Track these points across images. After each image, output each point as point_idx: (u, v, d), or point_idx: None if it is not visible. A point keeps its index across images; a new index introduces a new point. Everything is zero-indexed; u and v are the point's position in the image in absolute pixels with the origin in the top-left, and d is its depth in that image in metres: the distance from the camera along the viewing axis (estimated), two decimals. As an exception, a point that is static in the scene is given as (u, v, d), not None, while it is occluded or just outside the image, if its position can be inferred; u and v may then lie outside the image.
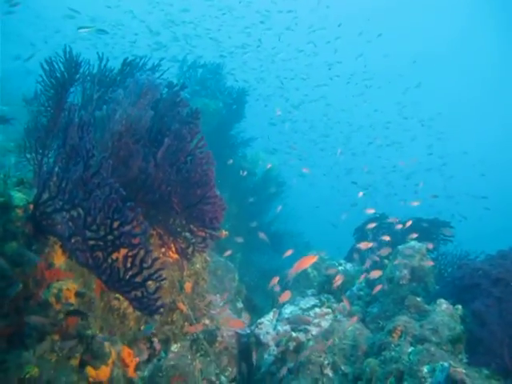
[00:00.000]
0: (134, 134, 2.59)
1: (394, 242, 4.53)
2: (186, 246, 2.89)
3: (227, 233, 4.52)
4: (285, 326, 3.66)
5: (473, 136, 28.06)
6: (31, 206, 1.95)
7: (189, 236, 2.86)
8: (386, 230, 5.11)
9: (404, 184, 14.04)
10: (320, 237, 11.62)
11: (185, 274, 3.23)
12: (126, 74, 3.27)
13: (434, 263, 4.07)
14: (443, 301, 3.23)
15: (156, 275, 1.76)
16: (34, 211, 1.92)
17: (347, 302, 3.78)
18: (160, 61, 3.56)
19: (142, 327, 2.63)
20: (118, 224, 1.73)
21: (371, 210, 5.55)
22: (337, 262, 4.90)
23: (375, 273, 3.82)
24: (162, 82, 2.89)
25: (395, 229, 4.97)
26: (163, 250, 2.94)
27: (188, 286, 3.24)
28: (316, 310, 3.89)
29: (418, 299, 3.45)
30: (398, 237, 4.80)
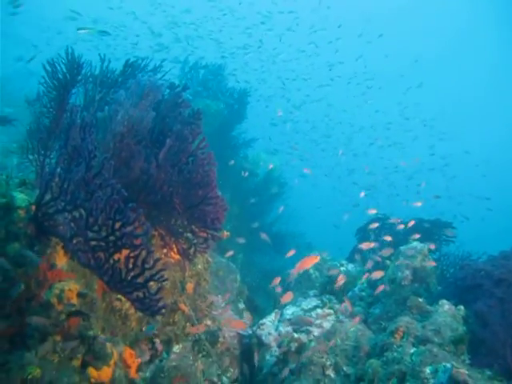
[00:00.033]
0: (136, 134, 2.60)
1: (396, 242, 4.52)
2: (187, 246, 2.89)
3: (229, 233, 4.51)
4: (287, 327, 3.66)
5: (475, 136, 27.98)
6: (33, 207, 1.96)
7: (190, 237, 2.86)
8: (387, 231, 5.09)
9: (406, 184, 14.03)
10: (322, 237, 11.61)
11: (186, 274, 3.23)
12: (127, 75, 3.27)
13: (436, 264, 4.06)
14: (445, 301, 3.23)
15: (158, 276, 1.76)
16: (36, 212, 1.93)
17: (349, 303, 3.77)
18: (162, 62, 3.57)
19: (144, 328, 2.63)
20: (119, 225, 1.74)
21: (373, 211, 5.55)
22: (339, 263, 4.90)
23: (377, 273, 3.82)
24: (164, 83, 2.90)
25: (397, 229, 4.96)
26: (165, 250, 2.94)
27: (190, 287, 3.24)
28: (318, 310, 3.88)
29: (420, 300, 3.44)
30: (400, 237, 4.79)
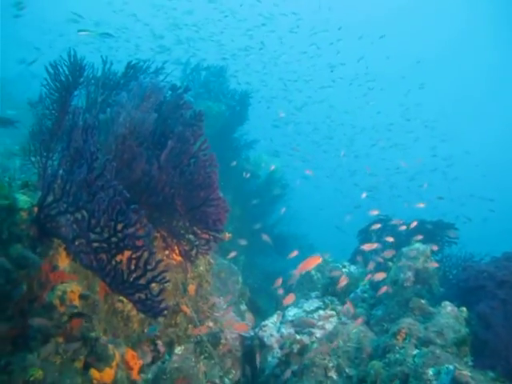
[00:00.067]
0: (138, 136, 2.60)
1: (398, 243, 4.51)
2: (189, 248, 2.89)
3: (230, 235, 4.51)
4: (289, 329, 3.65)
5: (477, 137, 27.92)
6: (36, 209, 1.96)
7: (192, 238, 2.86)
8: (389, 232, 5.08)
9: (408, 186, 14.00)
10: (324, 239, 11.57)
11: (188, 276, 3.23)
12: (129, 77, 3.28)
13: (439, 265, 4.05)
14: (448, 303, 3.22)
15: (160, 277, 1.76)
16: (38, 214, 1.93)
17: (351, 305, 3.76)
18: (163, 64, 3.58)
19: (146, 329, 2.64)
20: (121, 226, 1.74)
21: (375, 212, 5.53)
22: (341, 264, 4.89)
23: (379, 275, 3.81)
24: (166, 85, 2.90)
25: (399, 231, 4.95)
26: (167, 252, 2.94)
27: (192, 289, 3.24)
28: (320, 312, 3.88)
29: (423, 301, 3.43)
30: (402, 239, 4.78)
